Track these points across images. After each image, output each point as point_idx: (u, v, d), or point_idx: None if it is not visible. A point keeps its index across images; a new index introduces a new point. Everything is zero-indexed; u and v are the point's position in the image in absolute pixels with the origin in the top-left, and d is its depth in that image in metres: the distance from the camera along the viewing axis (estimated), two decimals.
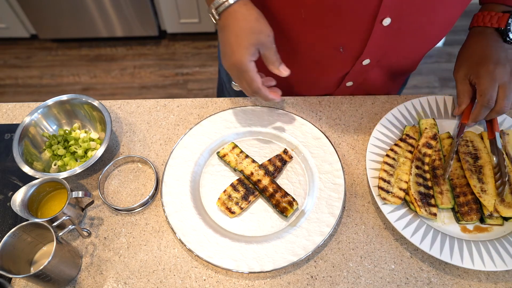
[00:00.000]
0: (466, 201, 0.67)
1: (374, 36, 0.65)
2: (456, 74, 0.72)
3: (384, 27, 0.63)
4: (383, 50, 0.70)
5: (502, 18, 0.68)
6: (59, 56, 2.32)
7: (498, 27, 0.68)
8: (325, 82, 0.82)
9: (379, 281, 0.63)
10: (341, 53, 0.70)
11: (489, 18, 0.69)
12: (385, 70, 0.79)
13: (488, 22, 0.69)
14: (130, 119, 0.81)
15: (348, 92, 0.84)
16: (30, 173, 0.68)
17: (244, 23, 0.62)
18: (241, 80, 0.65)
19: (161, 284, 0.63)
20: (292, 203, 0.68)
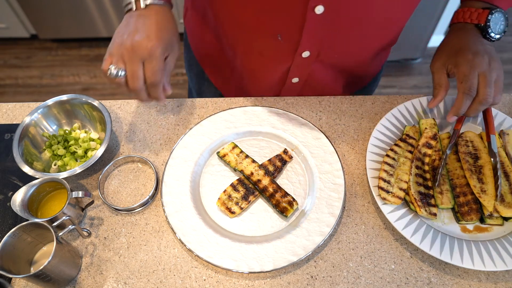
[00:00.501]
0: (466, 201, 0.67)
1: (308, 25, 0.64)
2: (433, 66, 0.71)
3: (317, 15, 0.62)
4: (321, 42, 0.69)
5: (481, 15, 0.67)
6: (59, 56, 2.32)
7: (477, 23, 0.68)
8: (270, 76, 0.80)
9: (379, 281, 0.63)
10: (281, 42, 0.69)
11: (469, 14, 0.69)
12: (329, 67, 0.77)
13: (468, 18, 0.69)
14: (130, 119, 0.81)
15: (296, 90, 0.83)
16: (30, 173, 0.68)
17: (168, 22, 0.63)
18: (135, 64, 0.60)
19: (161, 284, 0.63)
20: (292, 203, 0.68)
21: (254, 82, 0.83)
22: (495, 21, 0.67)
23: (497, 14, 0.67)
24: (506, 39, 2.35)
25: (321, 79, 0.81)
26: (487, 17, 0.67)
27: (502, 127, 0.75)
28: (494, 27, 0.68)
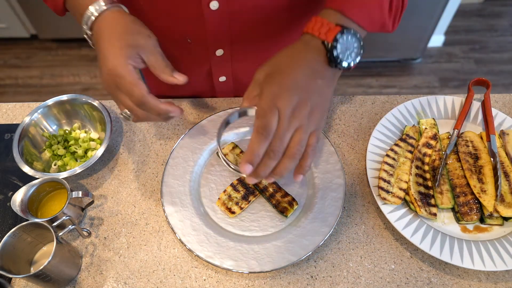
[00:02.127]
0: (466, 201, 0.67)
1: (209, 22, 0.63)
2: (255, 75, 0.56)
3: (214, 11, 0.61)
4: (229, 38, 0.67)
5: (331, 31, 0.52)
6: (59, 56, 2.32)
7: (324, 39, 0.53)
8: (197, 78, 0.79)
9: (379, 281, 0.63)
10: (192, 45, 0.68)
11: (319, 26, 0.54)
12: (248, 59, 0.74)
13: (317, 31, 0.53)
14: None
15: (230, 88, 0.82)
16: (30, 173, 0.68)
17: (117, 27, 0.55)
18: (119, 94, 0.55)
19: (161, 284, 0.63)
20: (292, 203, 0.68)
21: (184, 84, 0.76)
22: (345, 44, 0.52)
23: (350, 36, 0.52)
24: (506, 39, 2.35)
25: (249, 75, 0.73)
26: (335, 36, 0.52)
27: (502, 127, 0.75)
28: (341, 50, 0.52)
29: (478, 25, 2.42)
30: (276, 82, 0.52)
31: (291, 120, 0.50)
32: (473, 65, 2.25)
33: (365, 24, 0.56)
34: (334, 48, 0.52)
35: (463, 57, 2.29)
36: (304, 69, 0.53)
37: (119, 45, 0.54)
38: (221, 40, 0.69)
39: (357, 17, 0.55)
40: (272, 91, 0.51)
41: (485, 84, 0.79)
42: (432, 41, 2.26)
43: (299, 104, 0.51)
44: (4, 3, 2.04)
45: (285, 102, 0.50)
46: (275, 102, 0.50)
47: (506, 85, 2.18)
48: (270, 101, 0.50)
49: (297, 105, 0.51)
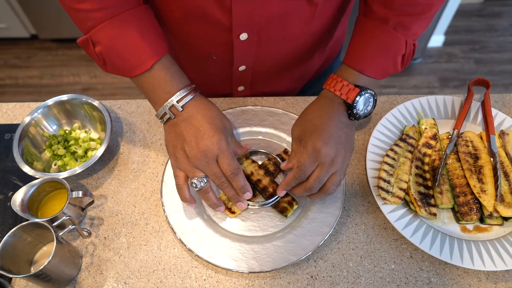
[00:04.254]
0: (466, 201, 0.67)
1: (237, 48, 0.69)
2: (293, 131, 0.66)
3: (243, 41, 0.67)
4: (253, 58, 0.73)
5: (351, 92, 0.62)
6: (59, 56, 2.32)
7: (345, 99, 0.62)
8: (216, 85, 0.85)
9: (379, 281, 0.63)
10: (217, 61, 0.74)
11: (340, 86, 0.63)
12: (266, 73, 0.80)
13: (338, 91, 0.63)
14: (130, 119, 0.81)
15: (245, 95, 0.88)
16: (30, 173, 0.68)
17: (211, 110, 0.63)
18: (213, 166, 0.62)
19: (161, 284, 0.63)
20: (292, 203, 0.69)
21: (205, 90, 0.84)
22: (363, 102, 0.63)
23: (367, 95, 0.62)
24: (506, 39, 2.35)
25: (265, 83, 0.85)
26: (355, 98, 0.61)
27: (502, 127, 0.75)
28: (360, 108, 0.63)
29: (478, 25, 2.42)
30: (316, 137, 0.61)
31: (329, 168, 0.61)
32: (473, 65, 2.25)
33: (379, 77, 0.65)
34: (354, 107, 0.62)
35: (463, 57, 2.29)
36: (336, 123, 0.62)
37: (220, 125, 0.63)
38: (245, 60, 0.73)
39: (373, 74, 0.64)
40: (313, 145, 0.60)
41: (485, 84, 0.79)
42: (432, 41, 2.26)
43: (336, 154, 0.61)
44: (4, 3, 2.04)
45: (326, 155, 0.60)
46: (316, 156, 0.60)
47: (506, 85, 2.18)
48: (312, 154, 0.60)
49: (335, 155, 0.60)
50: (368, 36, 0.64)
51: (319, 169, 0.61)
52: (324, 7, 0.66)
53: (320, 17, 0.68)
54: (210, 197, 0.64)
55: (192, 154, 0.61)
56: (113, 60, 0.60)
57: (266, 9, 0.62)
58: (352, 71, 0.64)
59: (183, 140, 0.61)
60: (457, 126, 0.74)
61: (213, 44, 0.70)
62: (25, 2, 2.02)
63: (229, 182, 0.64)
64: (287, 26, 0.67)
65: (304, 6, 0.64)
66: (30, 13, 2.09)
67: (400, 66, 0.66)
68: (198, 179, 0.62)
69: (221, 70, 0.77)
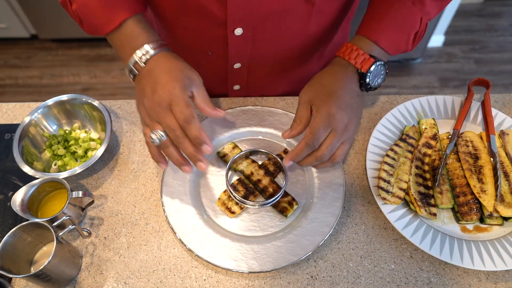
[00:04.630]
0: (466, 201, 0.67)
1: (232, 44, 0.69)
2: (301, 96, 0.64)
3: (238, 36, 0.67)
4: (248, 56, 0.73)
5: (366, 62, 0.62)
6: (59, 56, 2.32)
7: (359, 68, 0.62)
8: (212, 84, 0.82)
9: (379, 281, 0.63)
10: (213, 57, 0.74)
11: (355, 55, 0.63)
12: (262, 73, 0.80)
13: (353, 60, 0.63)
14: (130, 119, 0.81)
15: (241, 95, 0.87)
16: (30, 173, 0.68)
17: (172, 62, 0.60)
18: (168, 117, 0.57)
19: (161, 284, 0.63)
20: (292, 203, 0.69)
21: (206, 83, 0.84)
22: (375, 73, 0.63)
23: (380, 66, 0.63)
24: (506, 39, 2.35)
25: (261, 83, 0.85)
26: (369, 67, 0.62)
27: (502, 127, 0.75)
28: (373, 79, 0.63)
29: (478, 25, 2.42)
30: (331, 102, 0.60)
31: (342, 135, 0.61)
32: (473, 65, 2.25)
33: (391, 51, 0.65)
34: (367, 76, 0.62)
35: (463, 57, 2.29)
36: (349, 90, 0.62)
37: (179, 77, 0.58)
38: (240, 57, 0.73)
39: (387, 47, 0.64)
40: (329, 111, 0.59)
41: (485, 84, 0.79)
42: (432, 41, 2.26)
43: (349, 121, 0.61)
44: (4, 3, 2.04)
45: (340, 122, 0.60)
46: (330, 121, 0.59)
47: (506, 85, 2.18)
48: (326, 120, 0.59)
49: (348, 122, 0.60)
50: (386, 8, 0.64)
51: (332, 136, 0.60)
52: (322, 7, 0.66)
53: (317, 17, 0.68)
54: (171, 152, 0.60)
55: (148, 106, 0.58)
56: (87, 17, 0.61)
57: (262, 4, 0.61)
58: (367, 41, 0.64)
59: (143, 95, 0.59)
60: (457, 126, 0.74)
61: (208, 39, 0.70)
62: (25, 2, 2.01)
63: (185, 135, 0.58)
64: (283, 23, 0.66)
65: (300, 4, 0.63)
66: (30, 13, 2.09)
67: (411, 45, 0.65)
68: (155, 133, 0.58)
69: (217, 66, 0.77)
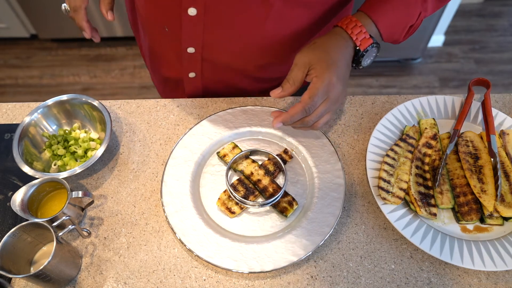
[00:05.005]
0: (466, 201, 0.67)
1: (185, 24, 0.67)
2: (299, 57, 0.62)
3: (191, 16, 0.65)
4: (200, 40, 0.71)
5: (365, 41, 0.63)
6: (59, 56, 2.32)
7: (358, 46, 0.63)
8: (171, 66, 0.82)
9: (379, 281, 0.63)
10: (168, 34, 0.72)
11: (357, 31, 0.63)
12: (219, 64, 0.78)
13: (355, 35, 0.63)
14: (130, 119, 0.81)
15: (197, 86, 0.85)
16: (30, 173, 0.68)
17: None
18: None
19: (161, 284, 0.63)
20: (292, 203, 0.68)
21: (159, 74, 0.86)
22: (370, 53, 0.64)
23: (375, 49, 0.64)
24: (506, 39, 2.35)
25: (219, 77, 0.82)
26: (367, 47, 0.63)
27: (502, 127, 0.75)
28: (365, 58, 0.65)
29: (478, 25, 2.42)
30: (333, 70, 0.60)
31: (332, 105, 0.62)
32: (473, 65, 2.25)
33: (384, 36, 0.66)
34: (362, 56, 0.64)
35: (463, 57, 2.29)
36: (346, 63, 0.63)
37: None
38: (193, 40, 0.72)
39: (383, 30, 0.65)
40: (330, 79, 0.60)
41: (485, 84, 0.79)
42: (432, 41, 2.26)
43: (341, 93, 0.62)
44: (4, 3, 2.04)
45: (336, 92, 0.61)
46: (329, 90, 0.60)
47: (506, 85, 2.18)
48: (326, 87, 0.60)
49: (341, 94, 0.62)
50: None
51: (324, 104, 0.61)
52: (283, 11, 0.65)
53: (277, 20, 0.66)
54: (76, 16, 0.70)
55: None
56: None
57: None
58: (368, 20, 0.64)
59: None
60: (457, 126, 0.74)
61: (164, 14, 0.70)
62: (25, 2, 2.01)
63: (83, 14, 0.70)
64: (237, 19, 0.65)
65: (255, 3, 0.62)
66: (30, 13, 2.09)
67: (403, 37, 0.67)
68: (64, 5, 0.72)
69: (172, 46, 0.76)
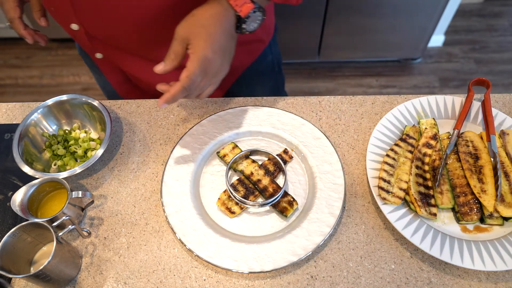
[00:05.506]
0: (466, 201, 0.67)
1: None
2: (178, 31, 0.60)
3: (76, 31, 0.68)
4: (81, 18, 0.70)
5: (245, 6, 0.60)
6: (59, 56, 2.32)
7: (238, 12, 0.61)
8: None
9: (379, 281, 0.63)
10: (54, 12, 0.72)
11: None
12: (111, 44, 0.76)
13: (233, 2, 0.60)
14: (130, 119, 0.81)
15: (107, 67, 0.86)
16: (30, 173, 0.68)
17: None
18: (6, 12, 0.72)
19: (161, 284, 0.63)
20: (292, 203, 0.68)
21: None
22: (253, 18, 0.62)
23: (259, 13, 0.62)
24: (506, 39, 2.35)
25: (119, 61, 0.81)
26: (248, 13, 0.61)
27: (502, 127, 0.75)
28: (249, 24, 0.63)
29: (478, 25, 2.42)
30: (208, 46, 0.59)
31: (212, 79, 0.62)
32: (473, 65, 2.25)
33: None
34: (244, 22, 0.62)
35: (463, 57, 2.29)
36: (226, 33, 0.62)
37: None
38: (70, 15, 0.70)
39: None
40: (205, 55, 0.59)
41: (485, 84, 0.79)
42: (432, 41, 2.26)
43: (221, 66, 0.62)
44: None
45: (214, 66, 0.60)
46: (206, 66, 0.59)
47: (506, 85, 2.18)
48: (202, 63, 0.59)
49: (220, 67, 0.62)
50: None
51: (204, 80, 0.61)
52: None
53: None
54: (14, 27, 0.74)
55: None
56: None
57: None
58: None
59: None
60: (457, 126, 0.74)
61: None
62: None
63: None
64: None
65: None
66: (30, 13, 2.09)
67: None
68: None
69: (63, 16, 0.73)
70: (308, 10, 1.87)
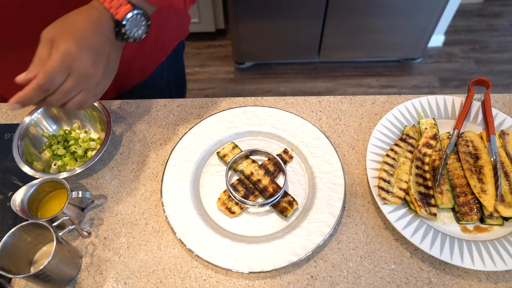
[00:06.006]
0: (466, 201, 0.67)
1: None
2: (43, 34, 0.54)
3: None
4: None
5: (122, 8, 0.54)
6: None
7: (114, 15, 0.55)
8: None
9: (379, 281, 0.63)
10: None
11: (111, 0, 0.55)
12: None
13: (108, 3, 0.54)
14: (130, 119, 0.81)
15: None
16: (30, 173, 0.68)
17: None
18: None
19: (161, 284, 0.63)
20: (292, 203, 0.68)
21: None
22: (134, 23, 0.56)
23: (140, 16, 0.56)
24: (506, 39, 2.35)
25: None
26: (125, 14, 0.55)
27: (502, 127, 0.75)
28: (132, 29, 0.56)
29: (478, 25, 2.42)
30: (72, 39, 0.52)
31: (82, 82, 0.53)
32: (473, 65, 2.25)
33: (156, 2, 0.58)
34: (123, 25, 0.55)
35: (463, 57, 2.29)
36: (101, 36, 0.55)
37: None
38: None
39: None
40: (68, 49, 0.51)
41: (485, 84, 0.79)
42: (432, 41, 2.26)
43: (94, 68, 0.54)
44: None
45: (82, 64, 0.52)
46: (70, 62, 0.51)
47: (506, 85, 2.18)
48: (64, 59, 0.51)
49: (91, 68, 0.53)
50: None
51: (70, 80, 0.53)
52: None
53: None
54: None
55: None
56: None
57: None
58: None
59: None
60: (457, 126, 0.74)
61: None
62: None
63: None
64: None
65: None
66: None
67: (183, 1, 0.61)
68: None
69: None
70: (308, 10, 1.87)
